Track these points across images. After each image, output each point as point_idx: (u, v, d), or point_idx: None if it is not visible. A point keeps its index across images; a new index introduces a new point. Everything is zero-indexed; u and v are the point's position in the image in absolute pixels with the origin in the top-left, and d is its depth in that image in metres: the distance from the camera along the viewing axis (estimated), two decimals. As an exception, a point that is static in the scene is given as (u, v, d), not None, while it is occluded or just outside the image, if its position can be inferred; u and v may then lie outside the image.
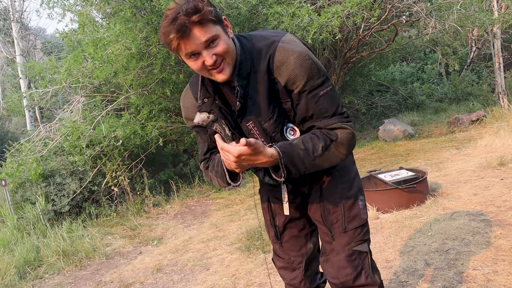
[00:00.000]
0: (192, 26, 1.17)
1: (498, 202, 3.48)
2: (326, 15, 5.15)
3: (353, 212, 1.49)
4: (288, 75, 1.28)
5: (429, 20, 6.20)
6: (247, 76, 1.31)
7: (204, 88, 1.38)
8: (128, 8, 5.12)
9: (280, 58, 1.28)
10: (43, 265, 4.11)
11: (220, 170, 1.39)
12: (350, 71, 9.37)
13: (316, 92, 1.30)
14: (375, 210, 3.74)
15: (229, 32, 1.29)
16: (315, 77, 1.29)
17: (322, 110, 1.32)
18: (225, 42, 1.24)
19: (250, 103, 1.34)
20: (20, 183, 5.66)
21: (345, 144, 1.33)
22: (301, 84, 1.29)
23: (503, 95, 7.74)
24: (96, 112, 5.95)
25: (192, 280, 3.23)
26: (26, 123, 11.57)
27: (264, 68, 1.29)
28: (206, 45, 1.21)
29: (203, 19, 1.17)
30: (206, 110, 1.37)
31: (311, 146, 1.30)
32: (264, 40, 1.33)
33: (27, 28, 12.40)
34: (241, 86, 1.31)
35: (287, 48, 1.28)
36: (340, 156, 1.34)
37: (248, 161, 1.23)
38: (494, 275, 2.37)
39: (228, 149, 1.20)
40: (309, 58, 1.28)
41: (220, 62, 1.25)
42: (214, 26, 1.21)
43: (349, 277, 1.46)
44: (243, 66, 1.30)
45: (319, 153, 1.30)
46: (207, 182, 6.71)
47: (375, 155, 6.73)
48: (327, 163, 1.34)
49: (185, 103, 1.48)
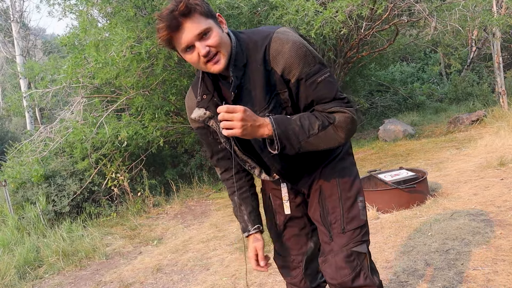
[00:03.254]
0: (182, 20, 1.22)
1: (498, 202, 3.48)
2: (331, 10, 5.14)
3: (352, 213, 1.49)
4: (284, 64, 1.30)
5: (431, 20, 6.19)
6: (243, 67, 1.33)
7: (204, 85, 1.41)
8: (130, 8, 5.12)
9: (275, 48, 1.30)
10: (43, 265, 4.11)
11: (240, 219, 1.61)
12: (351, 71, 9.36)
13: (314, 79, 1.31)
14: (375, 210, 3.74)
15: (224, 28, 1.32)
16: (311, 64, 1.31)
17: (321, 96, 1.33)
18: (218, 34, 1.27)
19: (245, 94, 1.36)
20: (20, 183, 5.66)
21: (344, 127, 1.33)
22: (297, 72, 1.30)
23: (503, 95, 7.74)
24: (96, 113, 5.95)
25: (192, 280, 3.23)
26: (26, 123, 11.58)
27: (260, 59, 1.31)
28: (199, 37, 1.25)
29: (190, 9, 1.21)
30: (204, 106, 1.41)
31: (308, 123, 1.31)
32: (260, 33, 1.36)
33: (28, 28, 12.41)
34: (236, 77, 1.33)
35: (282, 38, 1.31)
36: (338, 139, 1.34)
37: (251, 121, 1.24)
38: (494, 275, 2.37)
39: (234, 107, 1.22)
40: (303, 46, 1.30)
41: (214, 54, 1.28)
42: (206, 19, 1.25)
43: (347, 278, 1.45)
44: (239, 58, 1.33)
45: (314, 132, 1.31)
46: (207, 182, 6.71)
47: (375, 155, 6.73)
48: (324, 144, 1.34)
49: (189, 104, 1.52)
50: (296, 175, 1.54)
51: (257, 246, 1.57)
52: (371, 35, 7.38)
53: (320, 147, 1.35)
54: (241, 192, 1.61)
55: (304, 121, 1.31)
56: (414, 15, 6.79)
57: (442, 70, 13.46)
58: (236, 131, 1.24)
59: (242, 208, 1.61)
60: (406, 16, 7.25)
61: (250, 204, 1.62)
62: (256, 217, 1.61)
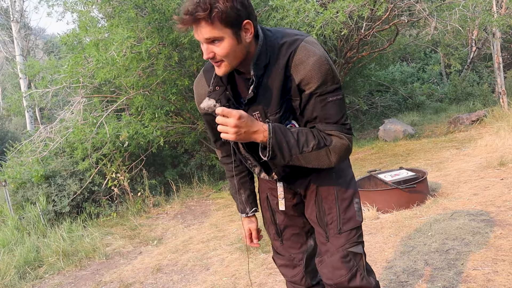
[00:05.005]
0: (201, 19, 1.21)
1: (498, 202, 3.48)
2: (332, 11, 5.14)
3: (349, 214, 1.50)
4: (304, 75, 1.30)
5: (431, 20, 6.19)
6: (264, 67, 1.33)
7: (218, 76, 1.39)
8: (130, 8, 5.12)
9: (300, 57, 1.30)
10: (43, 265, 4.12)
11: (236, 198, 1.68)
12: (351, 71, 9.36)
13: (326, 97, 1.31)
14: (375, 210, 3.74)
15: (247, 37, 1.29)
16: (328, 82, 1.30)
17: (326, 115, 1.33)
18: (228, 47, 1.26)
19: (261, 93, 1.36)
20: (20, 183, 5.66)
21: (337, 153, 1.33)
22: (314, 86, 1.30)
23: (503, 95, 7.74)
24: (96, 113, 5.95)
25: (192, 280, 3.24)
26: (26, 123, 11.58)
27: (283, 63, 1.31)
28: (209, 41, 1.25)
29: (210, 17, 1.20)
30: (215, 98, 1.40)
31: (304, 140, 1.31)
32: (288, 37, 1.35)
33: (28, 27, 12.41)
34: (256, 76, 1.33)
35: (309, 49, 1.30)
36: (327, 162, 1.35)
37: (246, 127, 1.24)
38: (494, 275, 2.37)
39: (229, 111, 1.22)
40: (327, 63, 1.30)
41: (219, 60, 1.29)
42: (224, 27, 1.23)
43: (344, 278, 1.46)
44: (262, 57, 1.32)
45: (308, 149, 1.31)
46: (207, 182, 6.71)
47: (375, 155, 6.73)
48: (313, 163, 1.35)
49: (198, 90, 1.52)
50: (294, 177, 1.55)
51: (251, 227, 1.72)
52: (371, 35, 7.38)
53: (309, 165, 1.35)
54: (240, 177, 1.69)
55: (301, 137, 1.31)
56: (414, 15, 6.78)
57: (442, 70, 13.45)
58: (229, 136, 1.25)
59: (240, 192, 1.69)
60: (406, 16, 7.24)
61: (248, 188, 1.71)
62: (254, 200, 1.72)
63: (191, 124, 6.44)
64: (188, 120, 6.50)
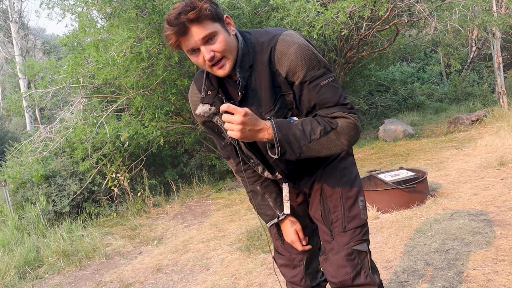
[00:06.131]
0: (190, 25, 1.22)
1: (498, 202, 3.48)
2: (332, 11, 5.14)
3: (353, 212, 1.49)
4: (288, 66, 1.30)
5: (431, 20, 6.19)
6: (249, 68, 1.33)
7: (208, 81, 1.41)
8: (131, 9, 5.12)
9: (281, 50, 1.30)
10: (43, 265, 4.11)
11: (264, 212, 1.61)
12: (351, 71, 9.37)
13: (317, 82, 1.31)
14: (375, 210, 3.74)
15: (231, 30, 1.32)
16: (315, 67, 1.30)
17: (324, 100, 1.32)
18: (224, 39, 1.27)
19: (251, 95, 1.36)
20: (20, 183, 5.66)
21: (346, 134, 1.31)
22: (301, 74, 1.30)
23: (503, 95, 7.74)
24: (96, 113, 5.95)
25: (192, 280, 3.23)
26: (26, 123, 11.58)
27: (266, 60, 1.32)
28: (204, 41, 1.25)
29: (200, 16, 1.21)
30: (209, 102, 1.41)
31: (309, 128, 1.29)
32: (267, 35, 1.36)
33: (27, 28, 12.42)
34: (243, 78, 1.33)
35: (287, 40, 1.31)
36: (340, 146, 1.33)
37: (251, 125, 1.23)
38: (494, 275, 2.37)
39: (234, 107, 1.20)
40: (309, 49, 1.30)
41: (219, 58, 1.28)
42: (212, 23, 1.25)
43: (348, 276, 1.46)
44: (245, 59, 1.33)
45: (316, 136, 1.29)
46: (207, 182, 6.71)
47: (375, 155, 6.73)
48: (325, 150, 1.32)
49: (192, 98, 1.52)
50: (298, 175, 1.55)
51: (297, 228, 1.60)
52: (371, 35, 7.38)
53: (321, 153, 1.33)
54: (262, 181, 1.60)
55: (306, 126, 1.30)
56: (414, 15, 6.78)
57: (442, 70, 13.45)
58: (235, 134, 1.23)
59: (266, 197, 1.60)
60: (406, 16, 7.25)
61: (273, 191, 1.61)
62: (282, 202, 1.61)
63: (191, 124, 6.44)
64: (188, 120, 6.50)
